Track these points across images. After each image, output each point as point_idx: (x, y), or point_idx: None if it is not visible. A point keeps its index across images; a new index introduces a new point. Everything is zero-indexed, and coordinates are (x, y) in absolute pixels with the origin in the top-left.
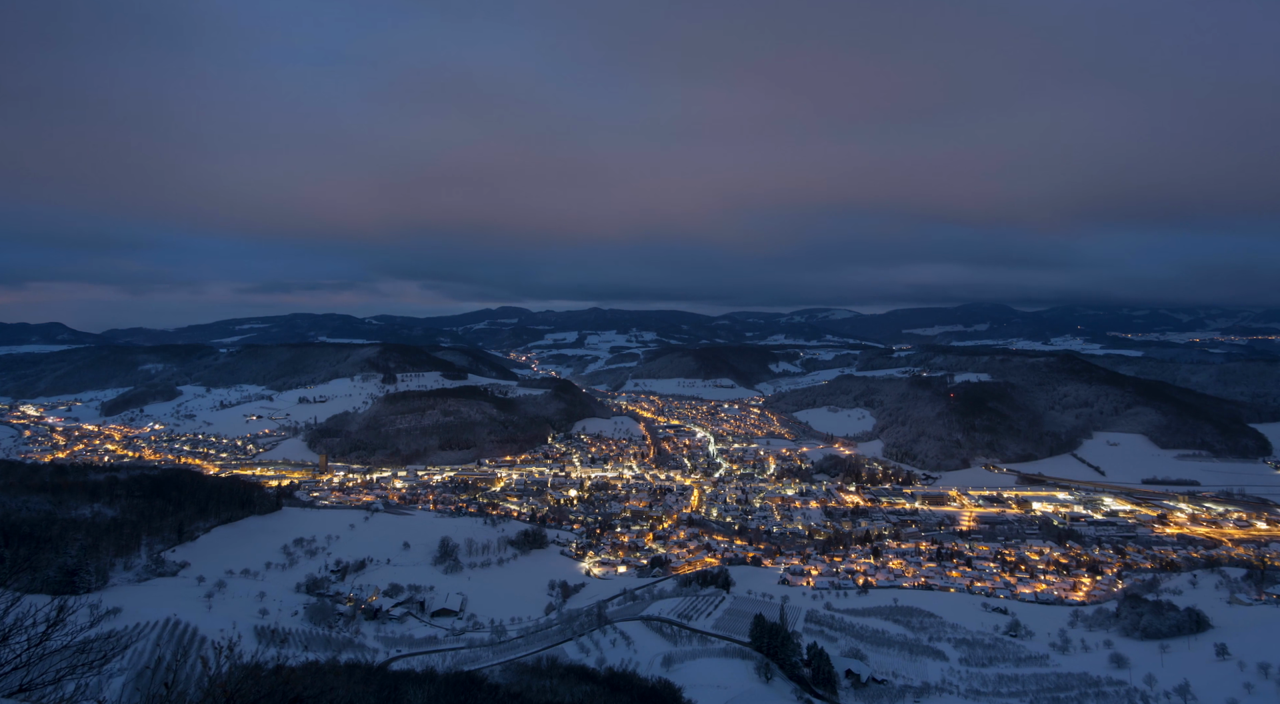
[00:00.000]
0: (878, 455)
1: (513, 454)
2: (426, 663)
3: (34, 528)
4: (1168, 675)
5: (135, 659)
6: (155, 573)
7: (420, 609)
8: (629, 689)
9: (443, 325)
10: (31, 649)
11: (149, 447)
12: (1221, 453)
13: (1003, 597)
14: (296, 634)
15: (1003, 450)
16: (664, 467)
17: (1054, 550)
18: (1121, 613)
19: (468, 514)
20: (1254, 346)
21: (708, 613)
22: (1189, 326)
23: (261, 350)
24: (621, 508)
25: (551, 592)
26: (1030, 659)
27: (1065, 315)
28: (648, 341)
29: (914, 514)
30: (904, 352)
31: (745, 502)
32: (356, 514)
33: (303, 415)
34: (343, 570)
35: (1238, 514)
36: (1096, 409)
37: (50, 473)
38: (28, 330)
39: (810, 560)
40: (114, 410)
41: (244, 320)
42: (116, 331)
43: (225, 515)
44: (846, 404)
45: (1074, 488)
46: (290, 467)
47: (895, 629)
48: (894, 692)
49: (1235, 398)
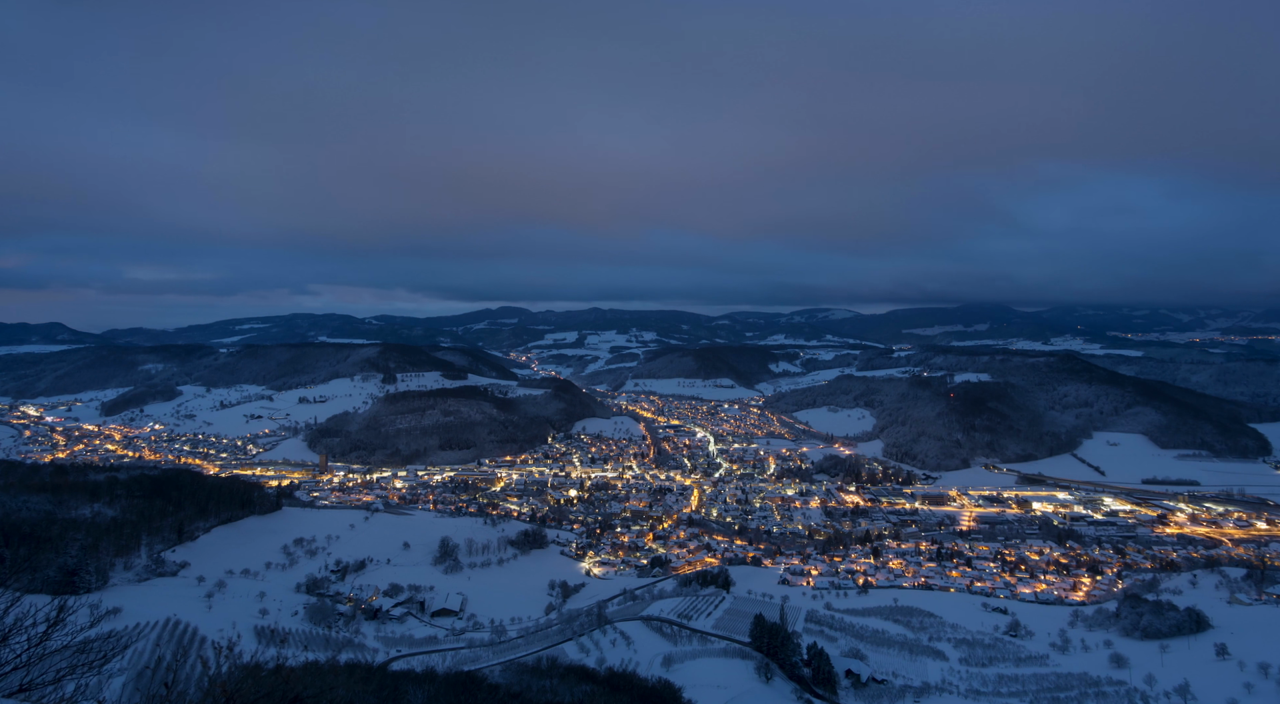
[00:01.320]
0: (878, 455)
1: (513, 454)
2: (426, 663)
3: (34, 528)
4: (1168, 675)
5: (135, 659)
6: (155, 573)
7: (420, 609)
8: (629, 689)
9: (443, 325)
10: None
11: (149, 447)
12: (1221, 453)
13: (1003, 597)
14: (296, 634)
15: (1003, 450)
16: (664, 467)
17: (1054, 550)
18: (1121, 613)
19: (468, 514)
20: (1254, 346)
21: (708, 613)
22: (1189, 326)
23: (261, 350)
24: (621, 508)
25: (551, 592)
26: (1030, 659)
27: (1065, 315)
28: (648, 341)
29: (914, 514)
30: (904, 351)
31: (745, 502)
32: (356, 514)
33: (303, 415)
34: (343, 570)
35: (1238, 514)
36: (1096, 409)
37: (50, 473)
38: (28, 330)
39: (810, 560)
40: (114, 410)
41: (244, 320)
42: (116, 331)
43: (225, 515)
44: (846, 404)
45: (1074, 488)
46: (290, 467)
47: (895, 629)
48: (894, 692)
49: (1235, 398)
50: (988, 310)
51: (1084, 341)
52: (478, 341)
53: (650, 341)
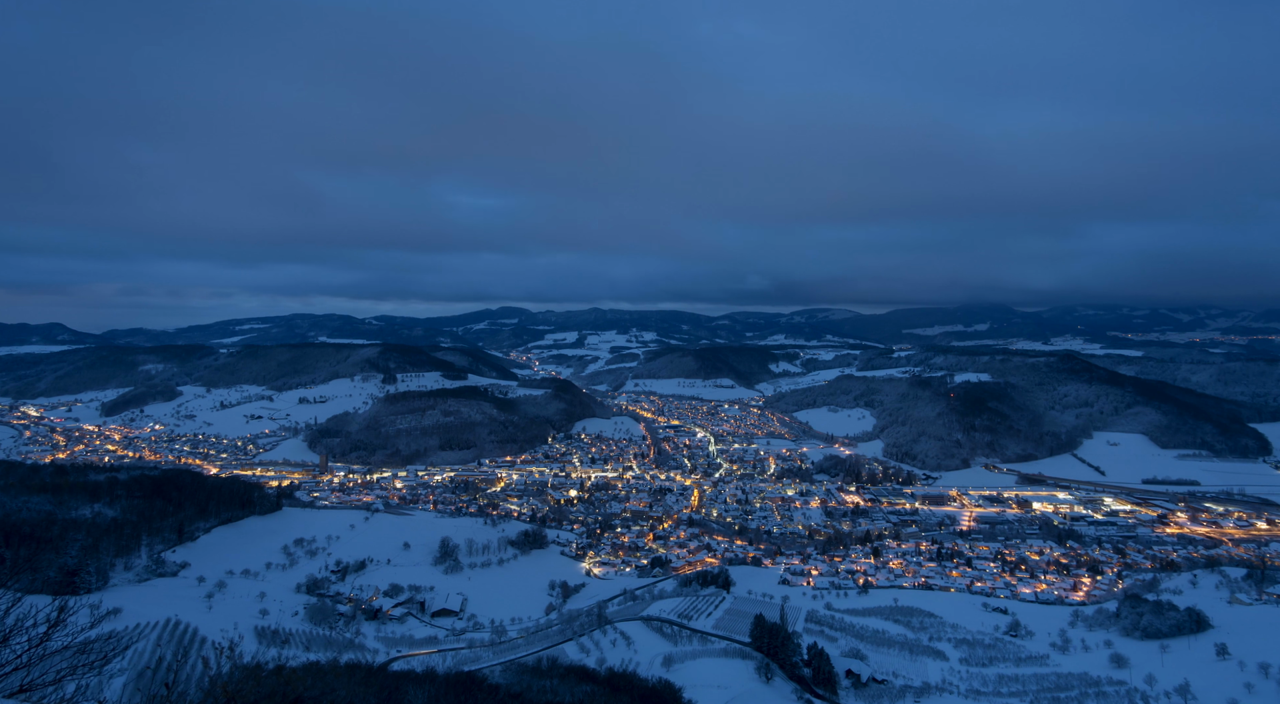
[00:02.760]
0: (878, 455)
1: (513, 454)
2: (427, 663)
3: (34, 528)
4: (1168, 675)
5: (136, 660)
6: (155, 573)
7: (420, 609)
8: (629, 689)
9: (443, 325)
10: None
11: (149, 447)
12: (1222, 453)
13: (1003, 597)
14: (297, 634)
15: (1003, 450)
16: (664, 467)
17: (1054, 550)
18: (1122, 613)
19: (468, 514)
20: (1254, 346)
21: (708, 613)
22: (1189, 326)
23: (261, 351)
24: (622, 508)
25: (552, 592)
26: (1030, 659)
27: (1065, 315)
28: (648, 342)
29: (914, 514)
30: (904, 352)
31: (745, 502)
32: (357, 514)
33: (303, 415)
34: (343, 571)
35: (1238, 514)
36: (1096, 409)
37: (50, 473)
38: (28, 330)
39: (810, 560)
40: (114, 411)
41: (244, 320)
42: (116, 332)
43: (225, 516)
44: (846, 404)
45: (1074, 488)
46: (290, 467)
47: (895, 629)
48: (894, 692)
49: (1235, 398)
50: (988, 310)
51: (1084, 341)
52: (478, 342)
53: (650, 342)
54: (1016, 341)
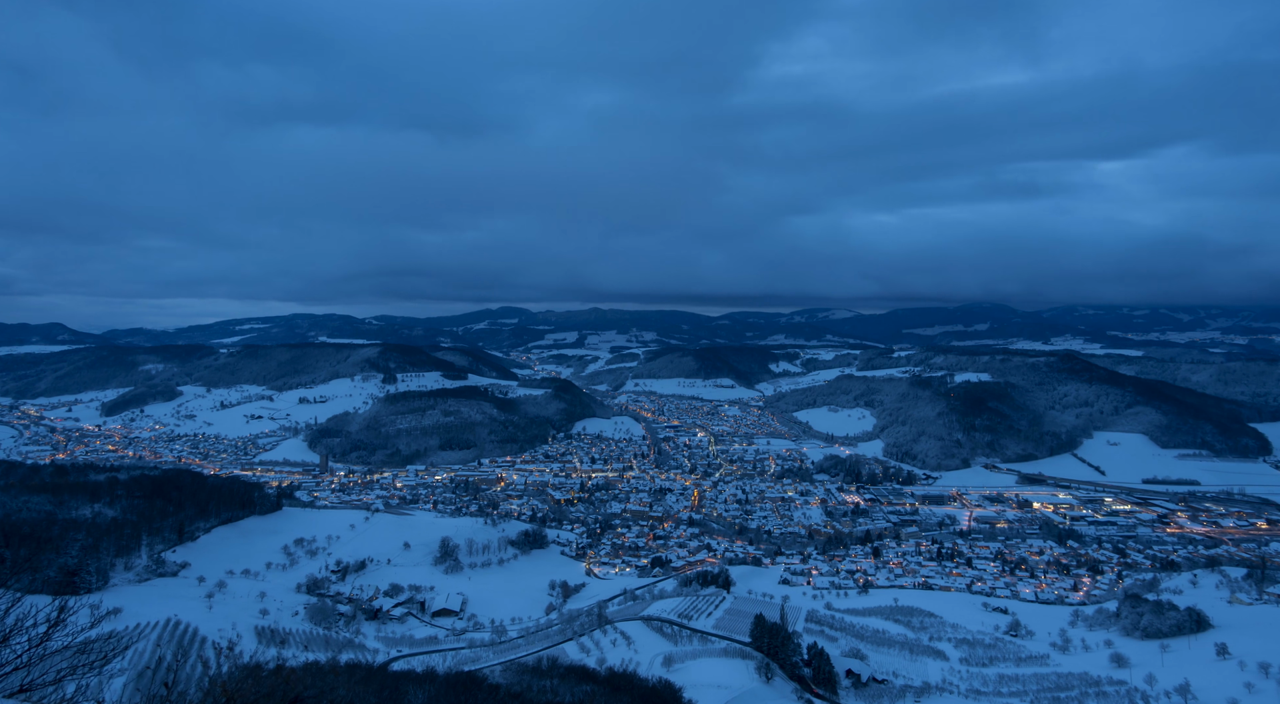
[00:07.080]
0: (878, 455)
1: (513, 454)
2: (427, 663)
3: (35, 528)
4: (1168, 675)
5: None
6: (156, 573)
7: (421, 609)
8: (629, 689)
9: (443, 325)
10: (32, 650)
11: (149, 447)
12: (1222, 452)
13: (1003, 596)
14: (297, 634)
15: (1003, 450)
16: (664, 467)
17: (1054, 550)
18: (1122, 612)
19: (468, 514)
20: (1254, 346)
21: (708, 613)
22: (1189, 326)
23: (261, 351)
24: (622, 508)
25: (552, 592)
26: (1031, 659)
27: (1065, 315)
28: (648, 342)
29: (914, 514)
30: (904, 352)
31: (745, 502)
32: (357, 514)
33: (303, 415)
34: (343, 571)
35: (1238, 514)
36: (1097, 409)
37: (51, 473)
38: (28, 330)
39: (810, 560)
40: (114, 411)
41: (244, 320)
42: (116, 332)
43: (226, 516)
44: (846, 404)
45: (1074, 488)
46: (290, 467)
47: (895, 629)
48: (894, 691)
49: (1235, 397)
50: (988, 310)
51: (1084, 341)
52: (478, 342)
53: (650, 342)
54: (1016, 341)
